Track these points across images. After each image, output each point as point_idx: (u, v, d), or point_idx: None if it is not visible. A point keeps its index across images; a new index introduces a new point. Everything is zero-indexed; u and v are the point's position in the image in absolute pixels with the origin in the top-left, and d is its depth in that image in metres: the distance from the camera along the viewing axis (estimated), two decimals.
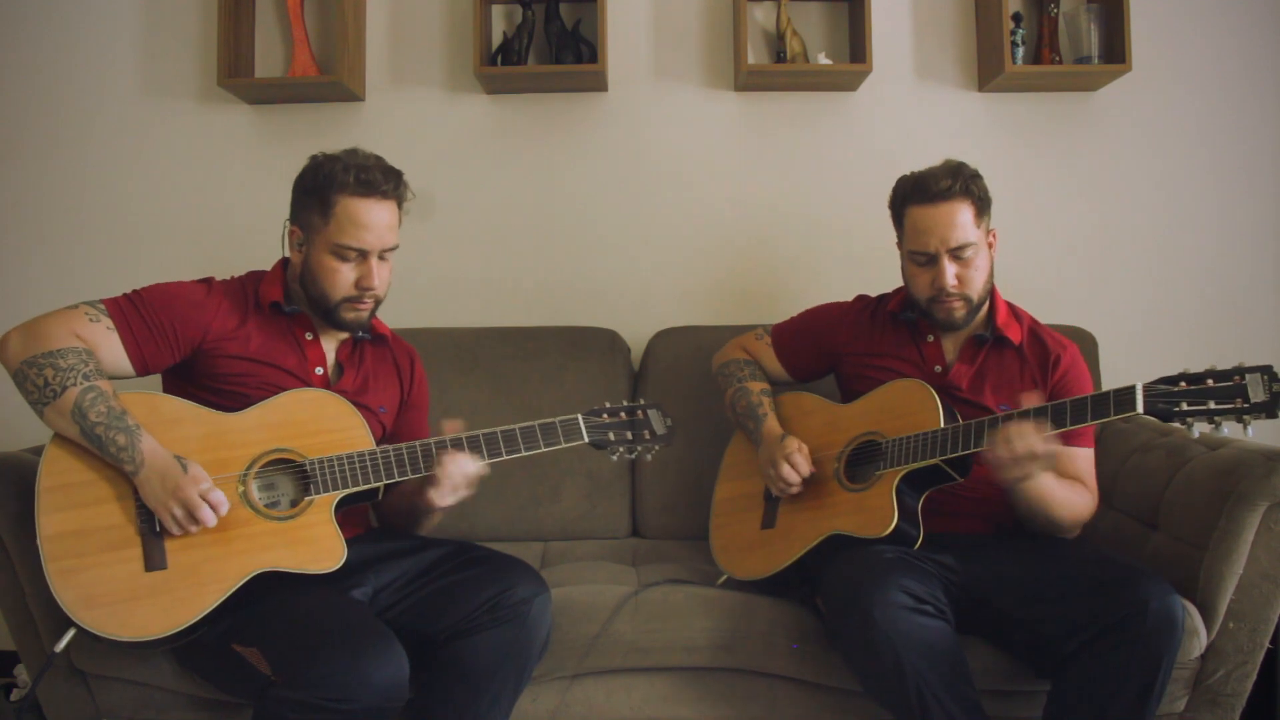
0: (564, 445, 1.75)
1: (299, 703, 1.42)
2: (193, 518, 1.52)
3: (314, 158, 1.73)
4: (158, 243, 2.59)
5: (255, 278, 1.80)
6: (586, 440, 1.77)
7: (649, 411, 1.85)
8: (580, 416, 1.77)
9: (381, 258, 1.73)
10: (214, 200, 2.60)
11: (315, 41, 2.57)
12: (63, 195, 2.60)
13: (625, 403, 1.85)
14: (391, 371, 1.88)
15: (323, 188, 1.68)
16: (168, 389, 1.73)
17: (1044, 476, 1.68)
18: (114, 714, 1.77)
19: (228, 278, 1.79)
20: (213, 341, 1.68)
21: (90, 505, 1.55)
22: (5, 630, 1.79)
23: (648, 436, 1.83)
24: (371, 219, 1.68)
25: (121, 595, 1.51)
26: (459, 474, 1.66)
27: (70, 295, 1.93)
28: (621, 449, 1.81)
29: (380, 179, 1.69)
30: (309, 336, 1.77)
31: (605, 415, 1.81)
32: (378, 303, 1.76)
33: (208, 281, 1.75)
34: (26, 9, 2.60)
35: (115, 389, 1.57)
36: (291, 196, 1.75)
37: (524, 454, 1.72)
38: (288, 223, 1.76)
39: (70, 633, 1.54)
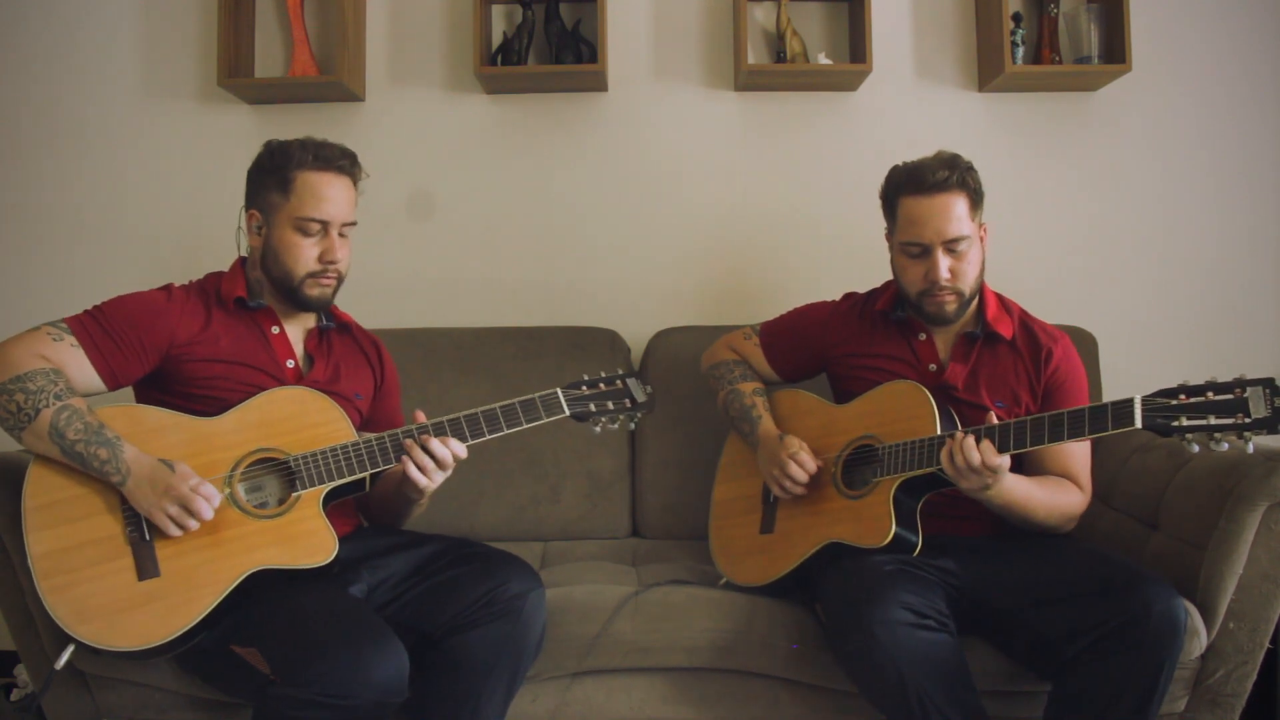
0: (545, 420, 1.73)
1: (299, 700, 1.42)
2: (188, 512, 1.52)
3: (268, 144, 1.77)
4: (158, 243, 2.59)
5: (215, 278, 1.81)
6: (568, 413, 1.75)
7: (627, 380, 1.83)
8: (559, 390, 1.75)
9: (341, 234, 1.75)
10: (214, 200, 2.59)
11: (315, 41, 2.57)
12: (62, 195, 2.60)
13: (603, 373, 1.83)
14: (360, 359, 1.90)
15: (281, 166, 1.72)
16: (141, 401, 1.72)
17: (1014, 483, 1.67)
18: (114, 714, 1.77)
19: (186, 282, 1.80)
20: (180, 346, 1.69)
21: (78, 520, 1.54)
22: (5, 630, 1.79)
23: (629, 405, 1.81)
24: (331, 192, 1.72)
25: (117, 606, 1.51)
26: (447, 455, 1.66)
27: (71, 294, 1.94)
28: (604, 419, 1.79)
29: (337, 154, 1.74)
30: (275, 330, 1.78)
31: (584, 387, 1.79)
32: (340, 280, 1.78)
33: (167, 288, 1.76)
34: (26, 9, 2.59)
35: (90, 404, 1.58)
36: (247, 185, 1.78)
37: (506, 432, 1.71)
38: (243, 211, 1.78)
39: (70, 648, 1.54)
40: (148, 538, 1.55)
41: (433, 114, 2.61)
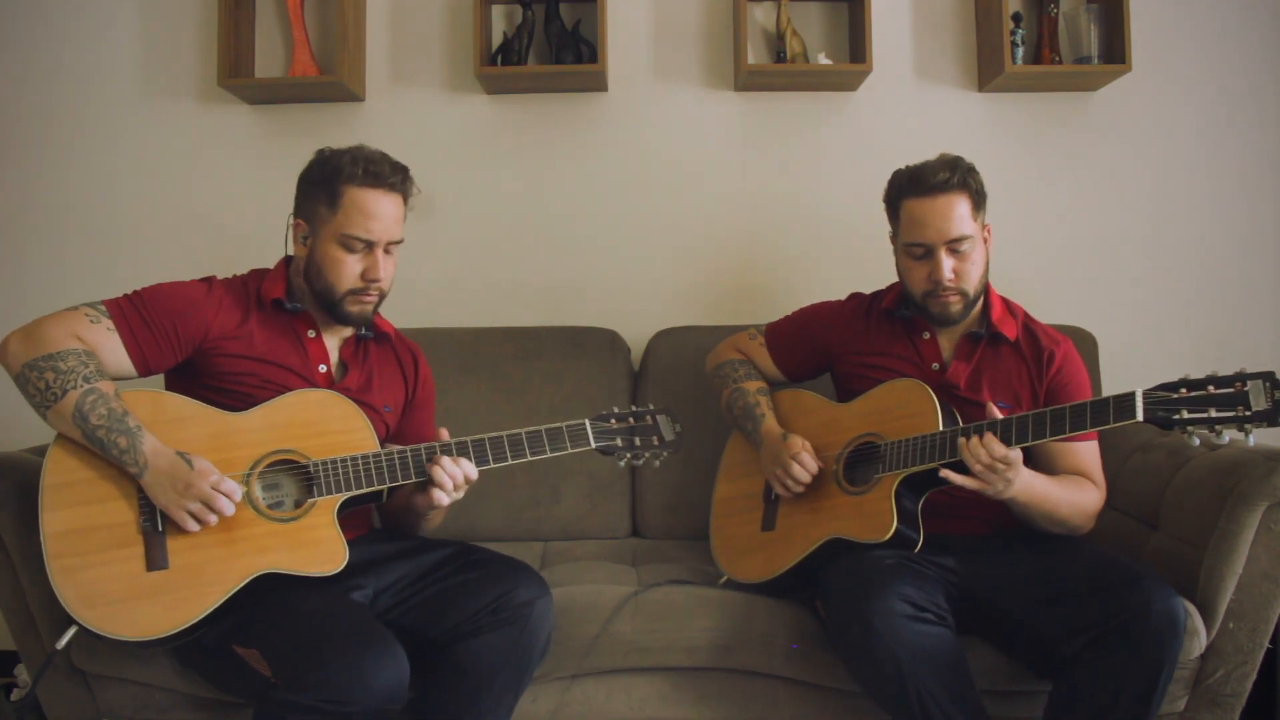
0: (570, 450, 1.73)
1: (299, 705, 1.42)
2: (209, 509, 1.52)
3: (320, 152, 1.74)
4: (158, 243, 2.59)
5: (258, 276, 1.79)
6: (593, 446, 1.75)
7: (658, 417, 1.82)
8: (588, 422, 1.75)
9: (387, 251, 1.73)
10: (214, 200, 2.60)
11: (315, 41, 2.57)
12: (62, 196, 2.60)
13: (634, 407, 1.82)
14: (395, 370, 1.88)
15: (330, 179, 1.69)
16: (170, 389, 1.72)
17: (1034, 478, 1.68)
18: (114, 714, 1.77)
19: (230, 276, 1.79)
20: (214, 341, 1.68)
21: (93, 503, 1.54)
22: (5, 630, 1.79)
23: (656, 443, 1.80)
24: (379, 209, 1.69)
25: (122, 594, 1.51)
26: (460, 476, 1.66)
27: (70, 296, 1.93)
28: (629, 455, 1.78)
29: (388, 171, 1.70)
30: (311, 334, 1.77)
31: (613, 420, 1.78)
32: (382, 296, 1.76)
33: (208, 280, 1.74)
34: (26, 10, 2.59)
35: (117, 390, 1.57)
36: (296, 190, 1.75)
37: (530, 459, 1.71)
38: (291, 217, 1.76)
39: (71, 630, 1.54)
40: (160, 529, 1.55)
41: (433, 114, 2.61)
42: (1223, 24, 2.60)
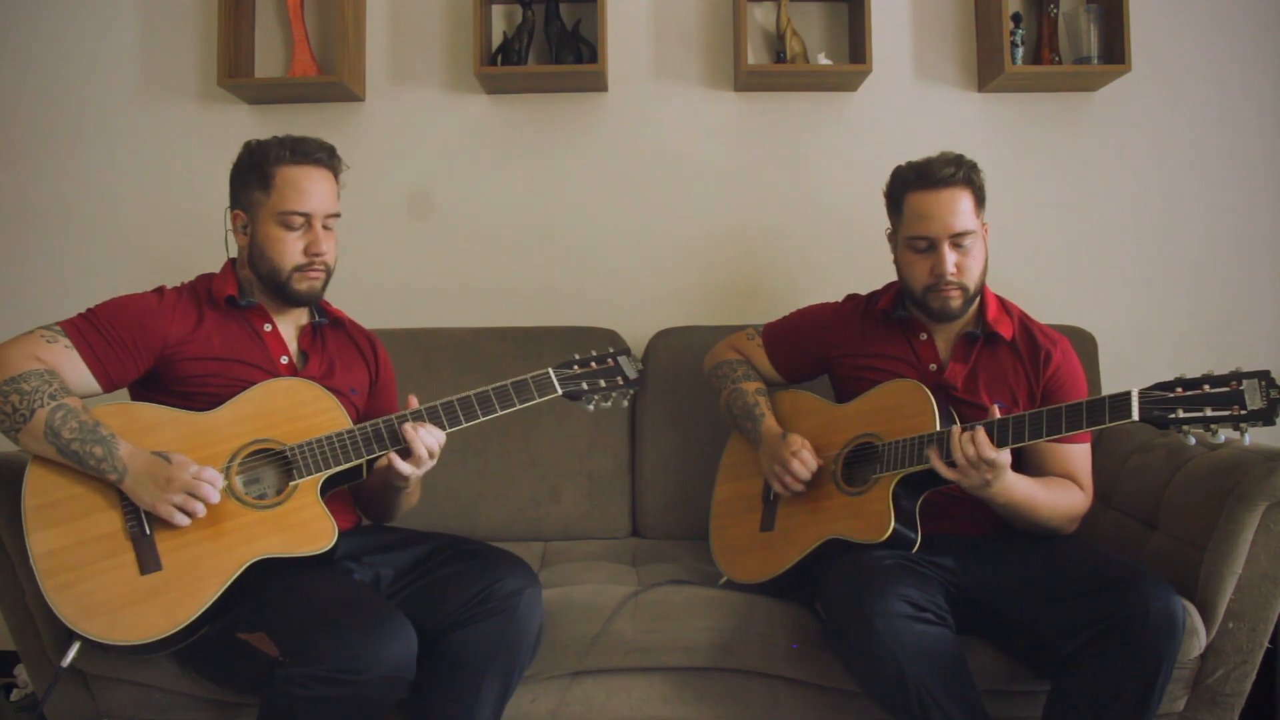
0: (538, 399, 1.74)
1: (310, 677, 1.42)
2: (194, 498, 1.52)
3: (247, 144, 1.78)
4: (158, 243, 2.59)
5: (206, 279, 1.82)
6: (560, 393, 1.76)
7: (619, 358, 1.84)
8: (551, 370, 1.76)
9: (326, 226, 1.76)
10: (214, 201, 2.57)
11: (315, 41, 2.57)
12: (62, 196, 2.60)
13: (594, 352, 1.84)
14: (355, 354, 1.90)
15: (261, 164, 1.74)
16: (136, 401, 1.73)
17: (1016, 481, 1.68)
18: (114, 714, 1.77)
19: (178, 285, 1.81)
20: (174, 346, 1.69)
21: (77, 519, 1.55)
22: (5, 630, 1.79)
23: (620, 382, 1.82)
24: (311, 185, 1.73)
25: (121, 601, 1.52)
26: (434, 443, 1.67)
27: (69, 296, 1.94)
28: (596, 398, 1.80)
29: (314, 148, 1.75)
30: (267, 328, 1.79)
31: (576, 366, 1.80)
32: (328, 272, 1.78)
33: (159, 290, 1.77)
34: (26, 9, 2.59)
35: (85, 404, 1.58)
36: (230, 186, 1.80)
37: (500, 413, 1.71)
38: (228, 212, 1.80)
39: (76, 645, 1.55)
40: (148, 532, 1.55)
41: (433, 114, 2.61)
42: (1222, 24, 2.60)
